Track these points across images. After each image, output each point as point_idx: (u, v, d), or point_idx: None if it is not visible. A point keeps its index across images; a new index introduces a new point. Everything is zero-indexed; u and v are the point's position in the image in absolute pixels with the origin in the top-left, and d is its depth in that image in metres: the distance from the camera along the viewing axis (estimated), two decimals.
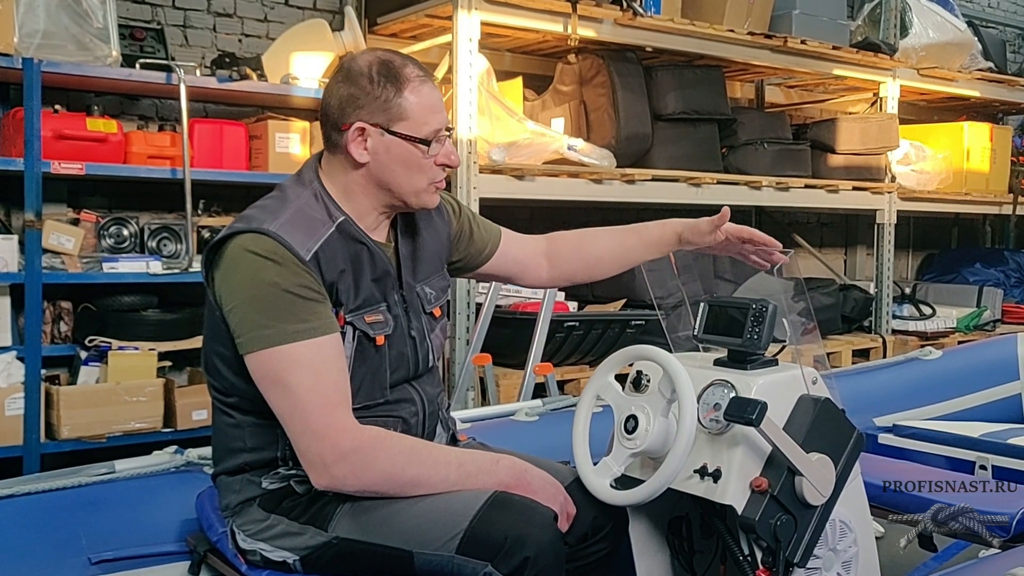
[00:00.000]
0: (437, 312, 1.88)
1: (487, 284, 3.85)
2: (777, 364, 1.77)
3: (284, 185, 1.76)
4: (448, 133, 1.76)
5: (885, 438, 2.70)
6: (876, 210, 5.83)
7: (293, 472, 1.70)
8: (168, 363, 3.81)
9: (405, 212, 1.81)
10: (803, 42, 5.11)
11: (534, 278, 2.15)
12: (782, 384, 1.70)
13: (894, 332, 5.93)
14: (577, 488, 1.76)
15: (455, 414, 2.42)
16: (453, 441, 1.93)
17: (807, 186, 5.31)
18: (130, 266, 3.66)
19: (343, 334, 1.67)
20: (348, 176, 1.73)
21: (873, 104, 6.00)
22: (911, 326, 6.03)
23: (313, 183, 1.74)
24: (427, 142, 1.70)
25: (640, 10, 4.42)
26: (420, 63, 1.75)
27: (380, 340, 1.72)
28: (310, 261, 1.62)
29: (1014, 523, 1.95)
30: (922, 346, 3.61)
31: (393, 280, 1.77)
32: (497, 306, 3.85)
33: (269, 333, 1.59)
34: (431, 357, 1.85)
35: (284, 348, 1.58)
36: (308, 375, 1.59)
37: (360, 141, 1.69)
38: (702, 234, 2.01)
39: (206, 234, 3.87)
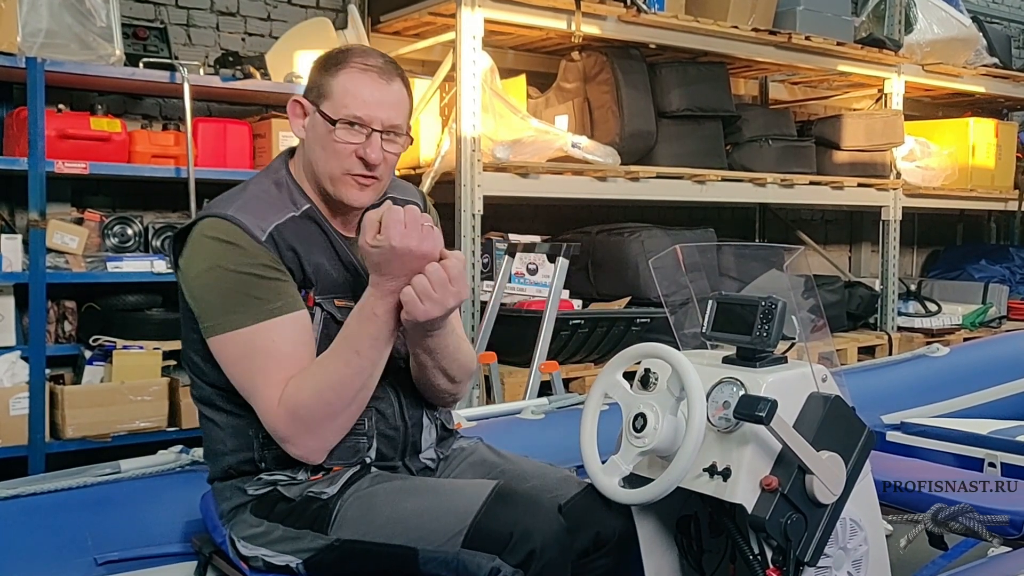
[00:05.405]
0: None
1: (492, 282, 3.83)
2: (787, 362, 1.76)
3: (250, 178, 1.80)
4: (382, 132, 1.67)
5: (893, 436, 2.68)
6: (881, 207, 5.81)
7: (276, 477, 1.69)
8: (173, 362, 3.80)
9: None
10: (807, 38, 5.08)
11: None
12: (792, 382, 1.69)
13: (899, 329, 5.91)
14: (582, 500, 1.73)
15: (462, 412, 2.41)
16: (445, 431, 1.90)
17: (812, 183, 5.29)
18: (134, 265, 3.66)
19: (312, 315, 1.67)
20: (304, 159, 1.75)
21: (878, 100, 5.98)
22: (916, 323, 6.00)
23: (279, 171, 1.77)
24: (334, 122, 1.66)
25: (644, 7, 4.40)
26: (385, 61, 1.70)
27: None
28: (266, 241, 1.64)
29: None
30: (928, 343, 3.59)
31: (364, 278, 1.72)
32: (502, 304, 3.84)
33: (230, 317, 1.61)
34: (403, 350, 1.77)
35: (243, 331, 1.60)
36: (261, 357, 1.60)
37: (298, 116, 1.72)
38: None
39: None
